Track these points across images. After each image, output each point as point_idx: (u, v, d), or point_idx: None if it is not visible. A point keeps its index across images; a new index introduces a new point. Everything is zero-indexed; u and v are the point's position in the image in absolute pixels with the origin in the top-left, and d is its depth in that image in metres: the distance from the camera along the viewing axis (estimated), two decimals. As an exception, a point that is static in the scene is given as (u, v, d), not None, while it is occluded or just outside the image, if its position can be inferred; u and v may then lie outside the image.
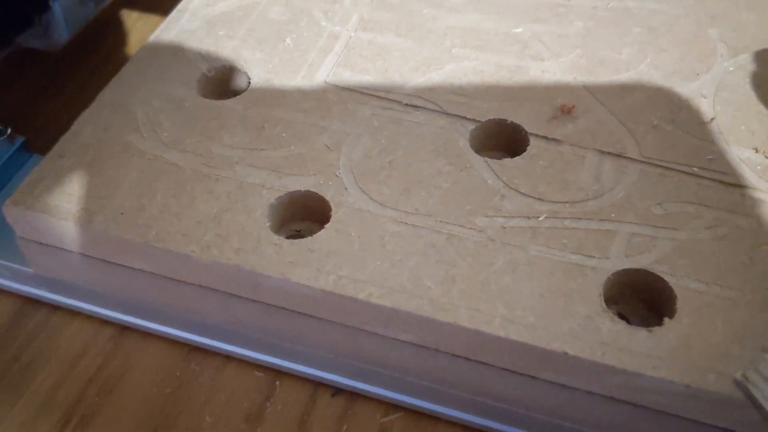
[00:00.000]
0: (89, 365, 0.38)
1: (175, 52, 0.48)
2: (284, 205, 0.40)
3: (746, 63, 0.46)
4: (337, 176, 0.41)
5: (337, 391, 0.36)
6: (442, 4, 0.51)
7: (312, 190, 0.40)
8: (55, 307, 0.40)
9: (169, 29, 0.50)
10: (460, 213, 0.39)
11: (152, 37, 0.49)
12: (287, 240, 0.38)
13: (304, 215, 0.41)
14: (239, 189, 0.40)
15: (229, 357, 0.38)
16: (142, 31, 0.59)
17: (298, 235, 0.40)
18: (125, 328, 0.39)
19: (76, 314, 0.40)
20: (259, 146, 0.42)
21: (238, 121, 0.44)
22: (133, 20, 0.60)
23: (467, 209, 0.39)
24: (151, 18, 0.60)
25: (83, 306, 0.39)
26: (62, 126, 0.44)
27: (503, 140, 0.44)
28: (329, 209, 0.39)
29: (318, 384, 0.37)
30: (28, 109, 0.53)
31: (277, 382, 0.37)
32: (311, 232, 0.39)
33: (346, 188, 0.40)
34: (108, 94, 0.46)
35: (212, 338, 0.38)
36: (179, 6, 0.52)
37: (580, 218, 0.38)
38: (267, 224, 0.39)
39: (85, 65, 0.56)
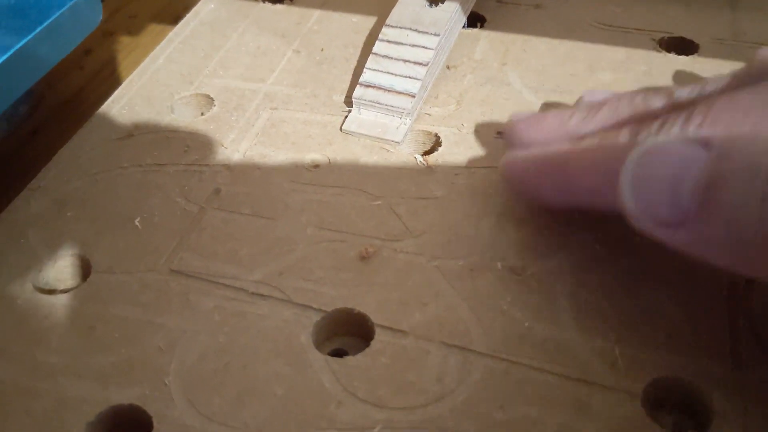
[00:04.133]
0: None
1: (18, 238, 0.46)
2: (104, 422, 0.37)
3: (602, 234, 0.45)
4: (166, 384, 0.38)
5: None
6: (302, 175, 0.50)
7: (136, 403, 0.38)
8: None
9: (16, 210, 0.48)
10: (291, 425, 0.37)
11: (-4, 222, 0.47)
12: (100, 468, 0.35)
13: (128, 429, 0.38)
14: (58, 405, 0.38)
15: None
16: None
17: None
18: None
19: None
20: (87, 350, 0.40)
21: (69, 320, 0.42)
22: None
23: (299, 420, 0.37)
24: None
25: None
26: None
27: (352, 328, 0.42)
28: (151, 426, 0.37)
29: None
30: None
31: None
32: (142, 445, 0.36)
33: (172, 399, 0.38)
34: (-66, 292, 0.43)
35: None
36: (31, 184, 0.50)
37: (417, 427, 0.36)
38: (83, 447, 0.36)
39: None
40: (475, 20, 0.63)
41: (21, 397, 0.38)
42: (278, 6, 0.67)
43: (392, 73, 0.53)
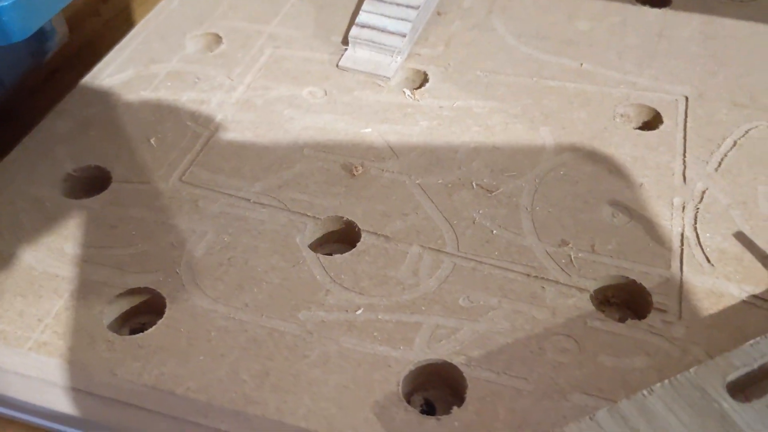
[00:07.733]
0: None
1: (47, 152, 0.52)
2: (124, 302, 0.43)
3: (569, 160, 0.50)
4: (177, 273, 0.44)
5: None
6: (301, 105, 0.55)
7: (151, 287, 0.43)
8: None
9: (44, 130, 0.54)
10: (285, 307, 0.42)
11: (26, 139, 0.53)
12: (120, 336, 0.41)
13: (146, 310, 0.44)
14: (83, 287, 0.43)
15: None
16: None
17: (142, 328, 0.43)
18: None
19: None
20: (108, 244, 0.46)
21: (93, 220, 0.47)
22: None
23: (293, 303, 0.42)
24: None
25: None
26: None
27: (341, 235, 0.48)
28: (164, 306, 0.42)
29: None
30: None
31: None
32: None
33: (183, 285, 0.43)
34: (-26, 195, 0.49)
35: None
36: (57, 107, 0.56)
37: (393, 311, 0.42)
38: (105, 321, 0.42)
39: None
40: (466, -28, 0.68)
41: (50, 280, 0.44)
42: (284, -44, 0.71)
43: (386, 15, 0.58)
